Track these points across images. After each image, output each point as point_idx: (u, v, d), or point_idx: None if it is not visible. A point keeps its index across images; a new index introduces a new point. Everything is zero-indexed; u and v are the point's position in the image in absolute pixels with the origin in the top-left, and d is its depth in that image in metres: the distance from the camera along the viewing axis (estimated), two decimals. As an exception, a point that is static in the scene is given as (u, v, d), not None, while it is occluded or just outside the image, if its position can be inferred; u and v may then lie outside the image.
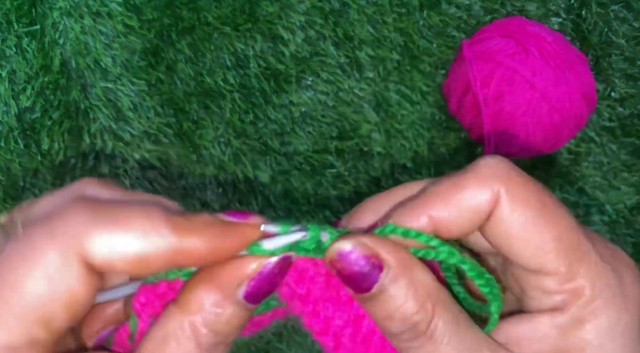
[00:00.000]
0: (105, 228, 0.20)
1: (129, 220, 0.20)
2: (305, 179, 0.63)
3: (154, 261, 0.20)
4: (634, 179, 0.66)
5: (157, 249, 0.20)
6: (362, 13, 0.65)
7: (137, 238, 0.20)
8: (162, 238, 0.20)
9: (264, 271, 0.22)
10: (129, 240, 0.20)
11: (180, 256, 0.20)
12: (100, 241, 0.19)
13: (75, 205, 0.20)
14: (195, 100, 0.63)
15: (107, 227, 0.20)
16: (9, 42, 0.62)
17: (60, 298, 0.20)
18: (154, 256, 0.20)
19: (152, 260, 0.20)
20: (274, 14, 0.64)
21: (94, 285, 0.20)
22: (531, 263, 0.22)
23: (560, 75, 0.57)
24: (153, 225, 0.20)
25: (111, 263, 0.20)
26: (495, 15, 0.66)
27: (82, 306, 0.20)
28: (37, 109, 0.62)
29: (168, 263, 0.20)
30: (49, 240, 0.19)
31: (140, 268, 0.20)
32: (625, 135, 0.66)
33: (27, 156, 0.61)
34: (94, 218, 0.20)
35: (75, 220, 0.20)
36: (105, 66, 0.62)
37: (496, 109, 0.58)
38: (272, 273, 0.22)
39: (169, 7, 0.64)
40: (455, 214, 0.22)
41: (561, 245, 0.22)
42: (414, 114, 0.65)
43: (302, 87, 0.64)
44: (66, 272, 0.19)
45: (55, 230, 0.20)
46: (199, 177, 0.63)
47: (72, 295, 0.20)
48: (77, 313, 0.20)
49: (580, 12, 0.66)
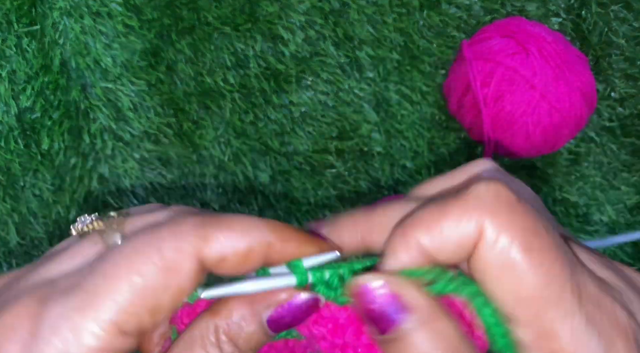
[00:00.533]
0: (217, 228, 0.22)
1: (233, 221, 0.23)
2: (305, 179, 0.63)
3: (256, 254, 0.23)
4: (633, 179, 0.66)
5: (259, 243, 0.23)
6: (362, 13, 0.65)
7: (243, 235, 0.22)
8: (262, 234, 0.23)
9: (292, 303, 0.23)
10: (238, 236, 0.22)
11: (273, 251, 0.23)
12: (215, 238, 0.22)
13: (185, 213, 0.23)
14: (195, 100, 0.63)
15: (219, 227, 0.22)
16: (9, 42, 0.62)
17: (170, 291, 0.21)
18: (257, 249, 0.22)
19: (255, 253, 0.23)
20: (274, 14, 0.64)
21: (197, 285, 0.22)
22: (503, 307, 0.21)
23: (560, 75, 0.57)
24: (253, 223, 0.23)
25: (224, 257, 0.22)
26: (495, 16, 0.66)
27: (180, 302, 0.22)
28: (37, 109, 0.62)
29: (264, 258, 0.23)
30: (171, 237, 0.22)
31: (245, 262, 0.23)
32: (625, 135, 0.66)
33: (27, 156, 0.61)
34: (206, 221, 0.22)
35: (192, 222, 0.22)
36: (105, 66, 0.62)
37: (496, 109, 0.58)
38: (299, 308, 0.23)
39: (169, 7, 0.64)
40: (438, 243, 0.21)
41: (540, 294, 0.20)
42: (414, 114, 0.65)
43: (302, 87, 0.64)
44: (182, 266, 0.22)
45: (177, 228, 0.22)
46: (199, 177, 0.63)
47: (181, 290, 0.22)
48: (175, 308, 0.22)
49: (580, 12, 0.66)
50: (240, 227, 0.22)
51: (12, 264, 0.61)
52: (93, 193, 0.61)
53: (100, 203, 0.61)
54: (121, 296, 0.21)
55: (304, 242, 0.24)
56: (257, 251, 0.23)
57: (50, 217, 0.62)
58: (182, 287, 0.22)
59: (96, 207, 0.61)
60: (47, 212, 0.62)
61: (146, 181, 0.62)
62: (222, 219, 0.23)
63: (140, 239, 0.22)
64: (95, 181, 0.61)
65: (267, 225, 0.23)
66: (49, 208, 0.61)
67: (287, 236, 0.23)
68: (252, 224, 0.23)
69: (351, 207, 0.63)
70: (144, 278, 0.21)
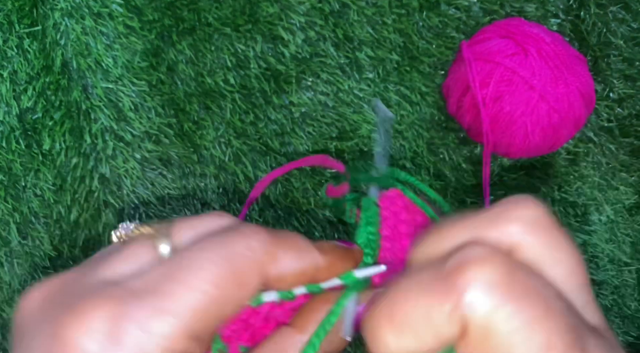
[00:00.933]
0: (280, 247, 0.23)
1: (291, 242, 0.24)
2: (305, 179, 0.63)
3: (307, 275, 0.24)
4: (632, 179, 0.66)
5: (310, 265, 0.24)
6: (362, 14, 0.65)
7: (299, 257, 0.24)
8: (312, 256, 0.24)
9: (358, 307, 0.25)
10: (297, 258, 0.24)
11: (319, 271, 0.25)
12: (279, 257, 0.23)
13: (251, 227, 0.24)
14: (196, 101, 0.63)
15: (281, 247, 0.24)
16: (10, 43, 0.62)
17: (236, 303, 0.23)
18: (308, 271, 0.24)
19: (306, 274, 0.24)
20: (274, 15, 0.64)
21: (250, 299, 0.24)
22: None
23: (559, 75, 0.58)
24: (305, 246, 0.25)
25: (283, 276, 0.24)
26: (494, 16, 0.66)
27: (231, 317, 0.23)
28: (39, 109, 0.62)
29: (311, 278, 0.25)
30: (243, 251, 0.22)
31: (297, 281, 0.24)
32: (624, 135, 0.66)
33: (28, 156, 0.62)
34: (274, 240, 0.23)
35: (262, 239, 0.23)
36: (107, 67, 0.62)
37: (495, 110, 0.58)
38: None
39: (170, 8, 0.64)
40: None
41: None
42: (413, 114, 0.65)
43: (302, 87, 0.64)
44: (250, 281, 0.23)
45: (248, 244, 0.23)
46: (199, 177, 0.63)
47: (242, 302, 0.23)
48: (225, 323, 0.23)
49: (579, 13, 0.66)
50: (299, 248, 0.24)
51: (14, 264, 0.61)
52: (94, 194, 0.61)
53: (101, 204, 0.61)
54: (196, 304, 0.21)
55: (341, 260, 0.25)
56: (309, 273, 0.24)
57: (51, 216, 0.62)
58: (244, 300, 0.23)
59: (97, 207, 0.61)
60: (49, 212, 0.62)
61: (147, 181, 0.62)
62: (287, 239, 0.24)
63: (214, 249, 0.23)
64: (96, 181, 0.61)
65: (319, 248, 0.25)
66: (50, 208, 0.62)
67: (333, 261, 0.25)
68: (307, 247, 0.24)
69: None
70: (217, 288, 0.22)
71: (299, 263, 0.24)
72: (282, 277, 0.23)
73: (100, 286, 0.22)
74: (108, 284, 0.22)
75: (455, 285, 0.19)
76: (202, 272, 0.22)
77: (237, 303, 0.23)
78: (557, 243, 0.21)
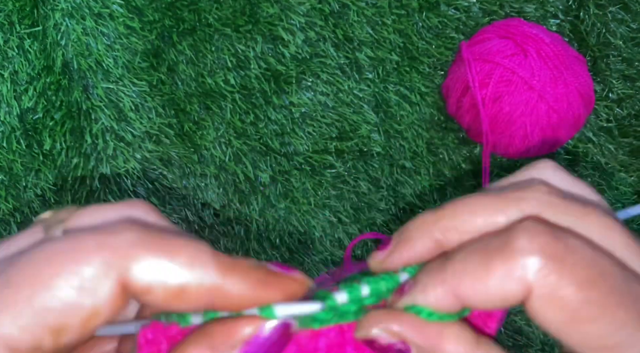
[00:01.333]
0: (153, 252, 0.19)
1: (177, 249, 0.19)
2: (305, 179, 0.63)
3: (192, 295, 0.19)
4: (631, 179, 0.66)
5: (198, 283, 0.19)
6: (362, 15, 0.65)
7: (181, 268, 0.19)
8: (205, 272, 0.19)
9: (258, 337, 0.20)
10: (174, 268, 0.19)
11: (218, 295, 0.19)
12: (146, 264, 0.19)
13: (126, 224, 0.20)
14: (196, 101, 0.63)
15: (155, 252, 0.19)
16: (11, 43, 0.62)
17: (82, 312, 0.19)
18: (194, 290, 0.19)
19: (191, 294, 0.19)
20: (274, 15, 0.64)
21: (116, 309, 0.19)
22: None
23: (558, 76, 0.58)
24: (199, 257, 0.19)
25: (150, 288, 0.19)
26: (493, 17, 0.66)
27: (94, 327, 0.19)
28: (39, 110, 0.62)
29: (204, 301, 0.20)
30: (95, 250, 0.19)
31: (175, 300, 0.19)
32: (623, 135, 0.66)
33: (29, 156, 0.62)
34: (144, 240, 0.19)
35: (126, 238, 0.19)
36: (107, 67, 0.62)
37: (494, 110, 0.58)
38: (269, 340, 0.20)
39: (170, 9, 0.64)
40: (482, 298, 0.20)
41: (608, 343, 0.19)
42: (413, 114, 0.65)
43: (302, 88, 0.64)
44: (100, 286, 0.19)
45: (105, 241, 0.19)
46: (200, 177, 0.63)
47: (95, 312, 0.19)
48: (87, 333, 0.19)
49: (578, 14, 0.67)
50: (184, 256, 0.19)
51: (14, 264, 0.61)
52: (95, 194, 0.62)
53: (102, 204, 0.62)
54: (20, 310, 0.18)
55: (262, 285, 0.20)
56: (194, 292, 0.19)
57: (52, 216, 0.62)
58: (96, 310, 0.19)
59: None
60: (49, 212, 0.62)
61: (147, 181, 0.62)
62: (167, 243, 0.19)
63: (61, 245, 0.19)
64: (97, 181, 0.62)
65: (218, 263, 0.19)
66: (51, 208, 0.62)
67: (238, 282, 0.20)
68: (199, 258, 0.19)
69: (351, 207, 0.63)
70: (51, 292, 0.18)
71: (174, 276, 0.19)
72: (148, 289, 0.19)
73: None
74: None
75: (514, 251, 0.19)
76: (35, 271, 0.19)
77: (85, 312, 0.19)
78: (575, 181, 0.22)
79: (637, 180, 0.66)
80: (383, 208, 0.64)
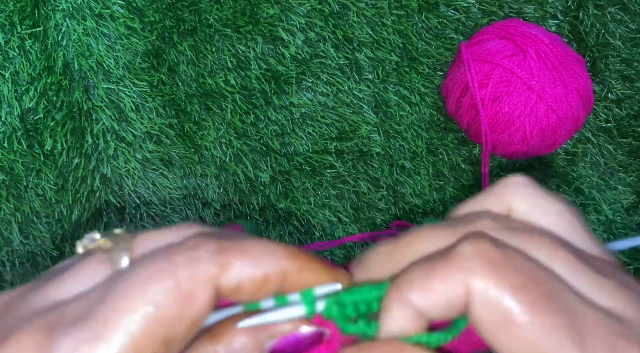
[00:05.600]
0: (234, 254, 0.21)
1: (250, 246, 0.22)
2: (305, 179, 0.64)
3: (273, 282, 0.22)
4: (630, 179, 0.66)
5: (276, 270, 0.22)
6: (362, 15, 0.65)
7: (261, 260, 0.21)
8: (279, 260, 0.22)
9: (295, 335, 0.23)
10: (255, 263, 0.21)
11: (288, 278, 0.22)
12: (233, 266, 0.21)
13: (200, 236, 0.22)
14: (197, 101, 0.63)
15: (235, 253, 0.21)
16: (12, 44, 0.62)
17: (186, 322, 0.21)
18: (274, 277, 0.22)
19: (272, 281, 0.22)
20: (274, 16, 0.65)
21: (211, 310, 0.21)
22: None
23: (558, 76, 0.58)
24: (270, 249, 0.22)
25: (240, 285, 0.21)
26: (493, 17, 0.66)
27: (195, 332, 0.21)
28: (40, 110, 0.62)
29: (280, 285, 0.22)
30: (188, 264, 0.21)
31: (261, 289, 0.22)
32: (622, 135, 0.67)
33: (30, 156, 0.62)
34: (223, 246, 0.21)
35: (208, 249, 0.21)
36: (108, 67, 0.63)
37: (494, 110, 0.59)
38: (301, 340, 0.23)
39: (171, 10, 0.64)
40: (430, 302, 0.21)
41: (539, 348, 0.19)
42: (413, 114, 0.65)
43: (302, 88, 0.64)
44: (198, 296, 0.21)
45: (192, 255, 0.21)
46: (200, 177, 0.63)
47: (196, 320, 0.21)
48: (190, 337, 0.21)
49: (577, 14, 0.67)
50: (258, 253, 0.22)
51: (15, 263, 0.61)
52: (95, 194, 0.62)
53: (102, 204, 0.62)
54: (134, 327, 0.20)
55: (320, 271, 0.23)
56: (273, 279, 0.22)
57: (53, 216, 0.62)
58: (197, 317, 0.21)
59: (99, 207, 0.62)
60: (50, 212, 0.62)
61: (148, 181, 0.62)
62: (240, 245, 0.22)
63: (153, 265, 0.21)
64: (97, 181, 0.62)
65: (284, 251, 0.22)
66: (51, 208, 0.62)
67: (304, 264, 0.22)
68: (269, 250, 0.22)
69: (351, 207, 0.64)
70: (157, 308, 0.20)
71: (258, 270, 0.21)
72: (239, 286, 0.21)
73: (39, 311, 0.21)
74: (48, 308, 0.21)
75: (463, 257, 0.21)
76: (140, 291, 0.20)
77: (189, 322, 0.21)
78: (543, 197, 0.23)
79: (636, 180, 0.67)
80: (383, 208, 0.64)
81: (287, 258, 0.22)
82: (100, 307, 0.20)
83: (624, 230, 0.66)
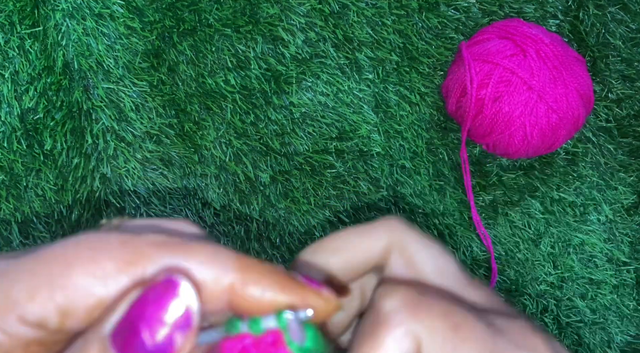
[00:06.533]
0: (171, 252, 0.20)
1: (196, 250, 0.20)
2: (306, 179, 0.64)
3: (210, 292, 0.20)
4: (630, 179, 0.66)
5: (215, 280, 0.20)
6: (362, 15, 0.65)
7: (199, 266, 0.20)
8: (224, 270, 0.20)
9: None
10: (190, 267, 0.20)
11: (236, 294, 0.20)
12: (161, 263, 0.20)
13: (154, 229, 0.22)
14: (197, 101, 0.63)
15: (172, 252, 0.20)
16: (11, 44, 0.62)
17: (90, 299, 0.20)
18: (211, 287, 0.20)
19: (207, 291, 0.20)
20: (274, 16, 0.65)
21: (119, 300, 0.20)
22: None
23: (558, 76, 0.58)
24: (217, 257, 0.20)
25: None
26: (493, 17, 0.66)
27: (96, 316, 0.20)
28: (40, 110, 0.62)
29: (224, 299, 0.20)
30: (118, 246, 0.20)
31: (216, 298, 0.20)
32: (622, 135, 0.67)
33: (30, 156, 0.62)
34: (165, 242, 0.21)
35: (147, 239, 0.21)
36: (108, 67, 0.63)
37: (494, 110, 0.59)
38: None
39: (171, 9, 0.64)
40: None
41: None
42: (413, 114, 0.65)
43: (302, 88, 0.64)
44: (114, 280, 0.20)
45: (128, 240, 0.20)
46: (200, 177, 0.63)
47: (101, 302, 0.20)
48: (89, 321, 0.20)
49: (577, 14, 0.67)
50: (202, 257, 0.20)
51: (15, 263, 0.61)
52: (95, 194, 0.62)
53: (102, 204, 0.62)
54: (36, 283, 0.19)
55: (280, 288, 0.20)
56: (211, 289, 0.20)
57: (52, 216, 0.62)
58: (103, 301, 0.20)
59: (98, 207, 0.62)
60: (50, 212, 0.62)
61: (148, 181, 0.62)
62: (185, 245, 0.20)
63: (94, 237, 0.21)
64: (97, 181, 0.62)
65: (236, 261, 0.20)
66: (51, 208, 0.62)
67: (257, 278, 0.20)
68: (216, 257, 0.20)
69: (351, 207, 0.64)
70: (68, 274, 0.20)
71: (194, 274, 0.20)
72: None
73: None
74: None
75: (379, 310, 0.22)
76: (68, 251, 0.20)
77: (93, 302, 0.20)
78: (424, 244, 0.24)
79: (637, 180, 0.67)
80: (383, 208, 0.64)
81: (237, 270, 0.20)
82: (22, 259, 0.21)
83: (624, 230, 0.66)
